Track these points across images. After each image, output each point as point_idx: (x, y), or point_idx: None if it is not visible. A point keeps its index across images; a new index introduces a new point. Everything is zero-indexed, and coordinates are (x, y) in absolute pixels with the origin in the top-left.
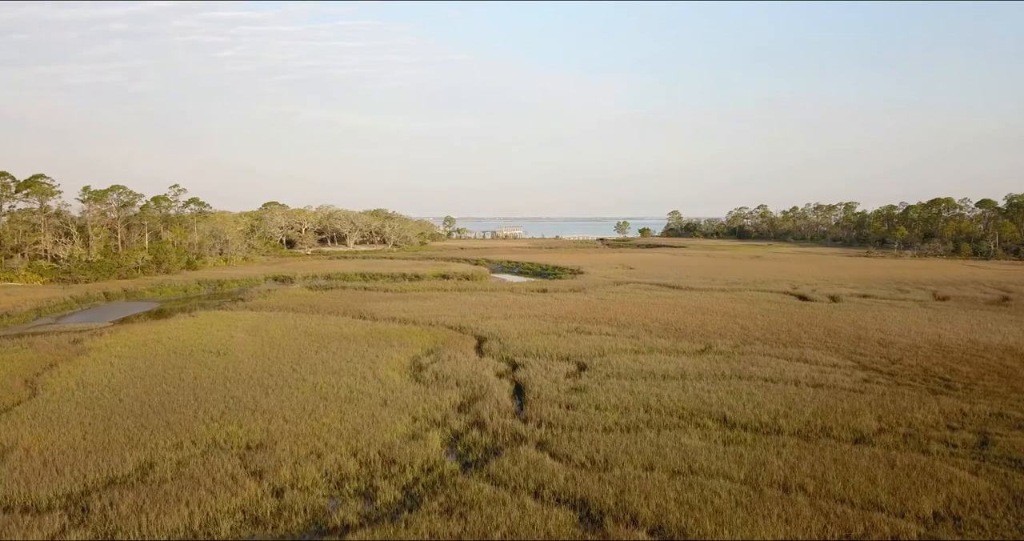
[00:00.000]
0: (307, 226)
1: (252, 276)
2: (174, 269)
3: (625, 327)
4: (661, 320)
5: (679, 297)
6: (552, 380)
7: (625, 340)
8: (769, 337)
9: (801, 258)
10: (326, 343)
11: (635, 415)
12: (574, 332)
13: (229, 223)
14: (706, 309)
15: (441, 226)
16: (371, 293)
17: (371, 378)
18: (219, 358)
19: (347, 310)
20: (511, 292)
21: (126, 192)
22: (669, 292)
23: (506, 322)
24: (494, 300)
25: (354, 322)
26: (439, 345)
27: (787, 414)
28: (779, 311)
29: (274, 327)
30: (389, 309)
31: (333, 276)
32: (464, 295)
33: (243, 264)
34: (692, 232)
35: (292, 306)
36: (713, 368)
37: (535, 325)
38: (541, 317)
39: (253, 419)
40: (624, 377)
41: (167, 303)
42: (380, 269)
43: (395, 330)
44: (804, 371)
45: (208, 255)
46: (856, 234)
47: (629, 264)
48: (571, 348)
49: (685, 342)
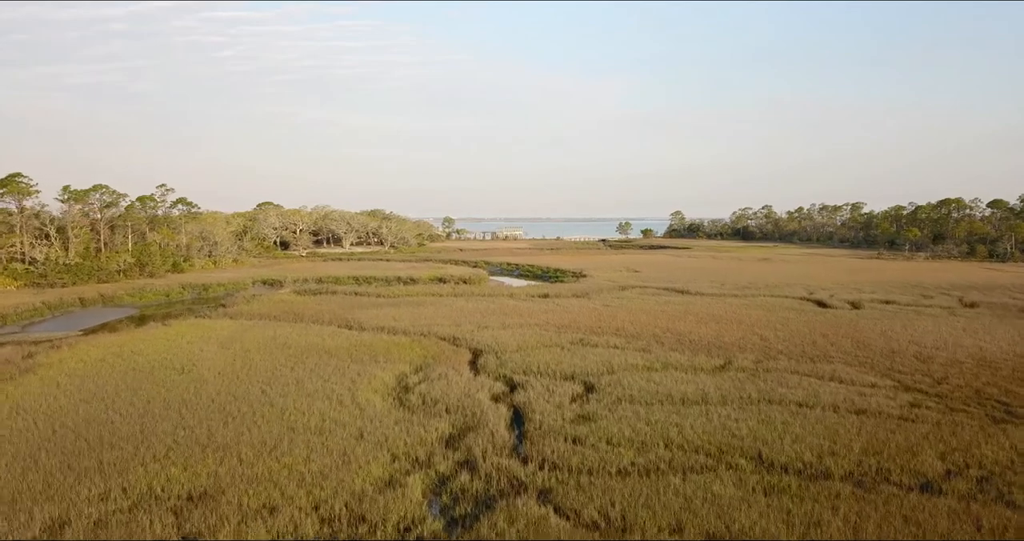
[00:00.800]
0: (302, 227)
1: (240, 279)
2: (158, 272)
3: (634, 338)
4: (673, 330)
5: (689, 303)
6: (556, 405)
7: (635, 354)
8: (793, 350)
9: (810, 260)
10: (304, 358)
11: (654, 452)
12: (579, 344)
13: (220, 224)
14: (720, 317)
15: (440, 227)
16: (361, 299)
17: (349, 402)
18: (181, 377)
19: (333, 318)
20: (510, 297)
21: (109, 192)
22: (678, 298)
23: (504, 332)
24: (492, 307)
25: (339, 333)
26: (429, 360)
27: (833, 451)
28: (799, 319)
29: (251, 339)
30: (379, 317)
31: (324, 279)
32: (460, 301)
33: (233, 266)
34: (695, 233)
35: (275, 313)
36: (737, 389)
37: (536, 336)
38: (542, 326)
39: (203, 457)
40: (638, 401)
41: (147, 309)
42: (374, 272)
43: (382, 342)
44: (841, 393)
45: (196, 257)
46: (863, 235)
47: (634, 266)
48: (576, 364)
49: (702, 356)
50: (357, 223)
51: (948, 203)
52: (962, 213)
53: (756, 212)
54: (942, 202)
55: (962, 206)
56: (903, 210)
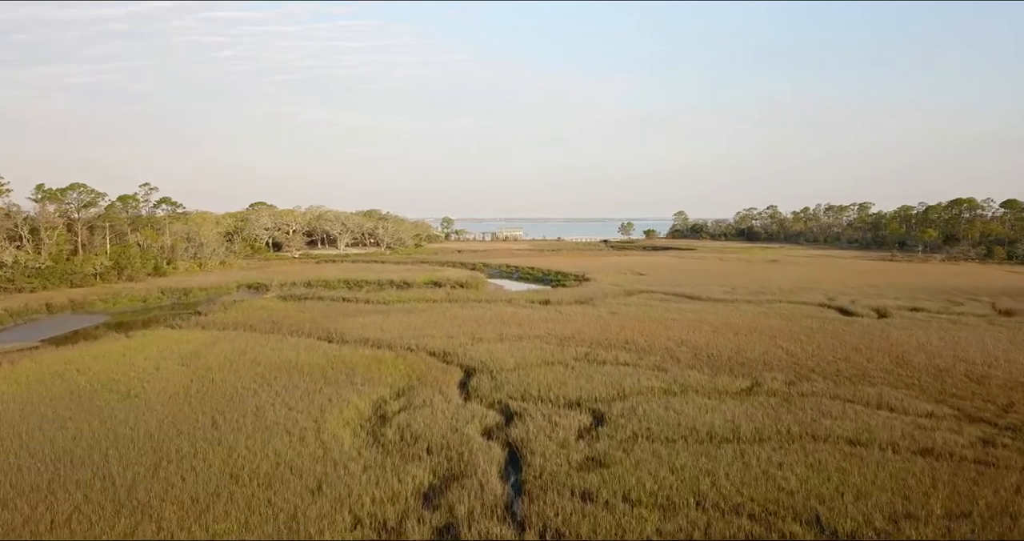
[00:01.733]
0: (295, 228)
1: (224, 283)
2: (138, 275)
3: (646, 353)
4: (688, 343)
5: (702, 311)
6: (559, 443)
7: (649, 373)
8: (827, 368)
9: (821, 262)
10: (272, 378)
11: (684, 515)
12: (584, 361)
13: (208, 224)
14: (738, 327)
15: (439, 227)
16: (348, 305)
17: (312, 440)
18: (124, 404)
19: (314, 328)
20: (509, 304)
21: (87, 191)
22: (689, 304)
23: (501, 346)
24: (489, 315)
25: (317, 346)
26: (414, 382)
27: (909, 513)
28: (824, 330)
29: (217, 354)
30: (364, 327)
31: (314, 283)
32: (455, 308)
33: (219, 269)
34: (699, 233)
35: (252, 322)
36: (773, 420)
37: (536, 350)
38: (543, 338)
39: (113, 522)
40: (658, 438)
41: (120, 316)
42: (367, 275)
43: (363, 359)
44: (896, 426)
45: (180, 259)
46: (872, 236)
47: (638, 269)
48: (582, 386)
49: (725, 376)
50: (352, 224)
51: (960, 203)
52: (974, 213)
53: (761, 212)
54: (953, 202)
55: (974, 206)
56: (912, 210)
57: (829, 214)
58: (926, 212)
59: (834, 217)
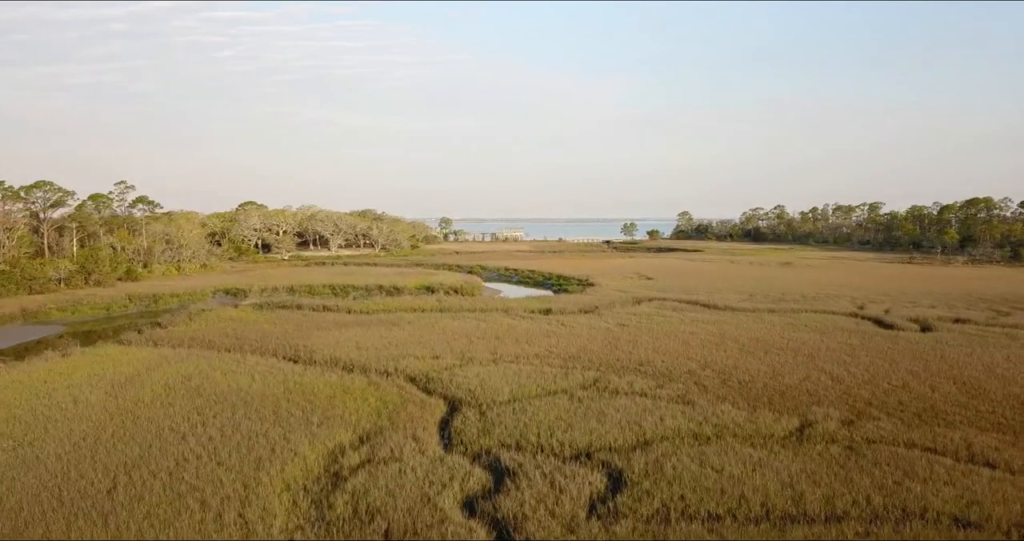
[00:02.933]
0: (285, 228)
1: (200, 289)
2: (107, 280)
3: (666, 378)
4: (713, 364)
5: (722, 322)
6: (566, 524)
7: (673, 408)
8: (887, 401)
9: (838, 265)
10: (211, 416)
11: None
12: (593, 389)
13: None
14: (767, 343)
15: (437, 227)
16: (328, 316)
17: (233, 517)
18: (10, 457)
19: (282, 345)
20: (506, 313)
21: (54, 189)
22: (705, 314)
23: (494, 370)
24: (483, 328)
25: (278, 369)
26: (385, 421)
27: None
28: (867, 347)
29: (158, 379)
30: (339, 343)
31: (297, 288)
32: (445, 319)
33: (199, 273)
34: (704, 234)
35: (212, 338)
36: (845, 484)
37: (535, 375)
38: (544, 358)
39: None
40: (697, 514)
41: (77, 326)
42: (355, 279)
43: (329, 387)
44: (1009, 493)
45: (157, 263)
46: (885, 237)
47: (645, 272)
48: (592, 428)
49: (765, 412)
50: (345, 224)
51: (976, 203)
52: (991, 213)
53: (767, 213)
54: (969, 202)
55: (991, 206)
56: (924, 210)
57: (838, 214)
58: (941, 212)
59: (843, 217)
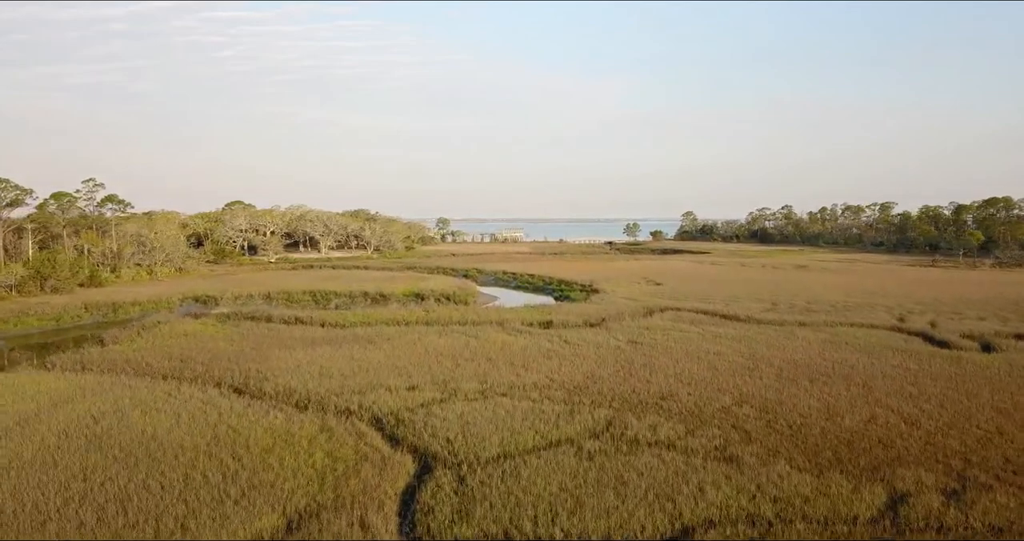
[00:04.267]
0: (273, 229)
1: (167, 296)
2: (66, 287)
3: (696, 420)
4: (752, 398)
5: (748, 338)
6: None
7: (715, 470)
8: (989, 458)
9: (858, 269)
10: (99, 483)
11: None
12: (607, 438)
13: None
14: (809, 368)
15: (435, 228)
16: (297, 330)
17: None
18: None
19: (232, 369)
20: (500, 327)
21: (10, 187)
22: (728, 328)
23: (482, 407)
24: (473, 346)
25: (214, 406)
26: (328, 493)
27: None
28: (929, 373)
29: (56, 423)
30: (300, 367)
31: (274, 295)
32: (431, 334)
33: (173, 278)
34: (709, 235)
35: (151, 360)
36: None
37: (533, 416)
38: (544, 389)
39: None
40: None
41: (16, 340)
42: (340, 285)
43: (269, 433)
44: None
45: (127, 267)
46: (898, 238)
47: (653, 276)
48: (609, 508)
49: (837, 475)
50: (336, 225)
51: (994, 202)
52: (1011, 213)
53: (775, 213)
54: (988, 201)
55: (1010, 206)
56: (940, 210)
57: (847, 215)
58: (957, 212)
59: (852, 218)
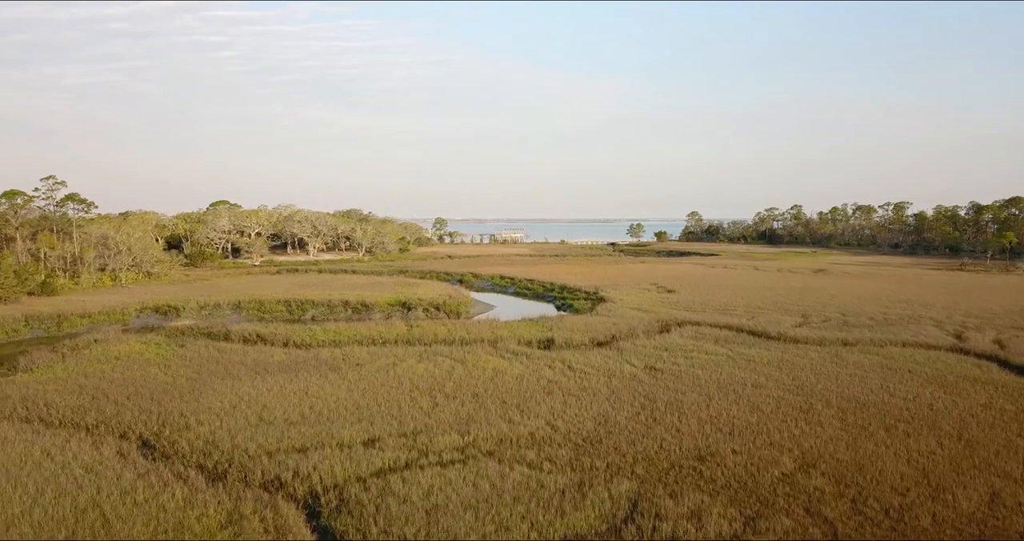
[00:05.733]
0: (259, 230)
1: (124, 306)
2: (11, 295)
3: (754, 501)
4: (820, 461)
5: (789, 364)
6: None
7: None
8: None
9: (881, 274)
10: None
11: None
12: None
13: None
14: (879, 409)
15: (431, 229)
16: (252, 352)
17: None
18: None
19: (145, 413)
20: (493, 348)
21: None
22: (761, 349)
23: (460, 476)
24: (457, 375)
25: (97, 476)
26: None
27: None
28: None
29: None
30: (236, 408)
31: (244, 305)
32: (410, 358)
33: (140, 284)
34: (715, 236)
35: (52, 398)
36: None
37: (527, 494)
38: (543, 445)
39: None
40: None
41: None
42: (321, 292)
43: (150, 525)
44: None
45: (88, 272)
46: (915, 239)
47: (663, 282)
48: None
49: None
50: (324, 225)
51: (1018, 202)
52: None
53: (783, 213)
54: (1010, 201)
55: None
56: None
57: (858, 215)
58: (979, 212)
59: (863, 218)
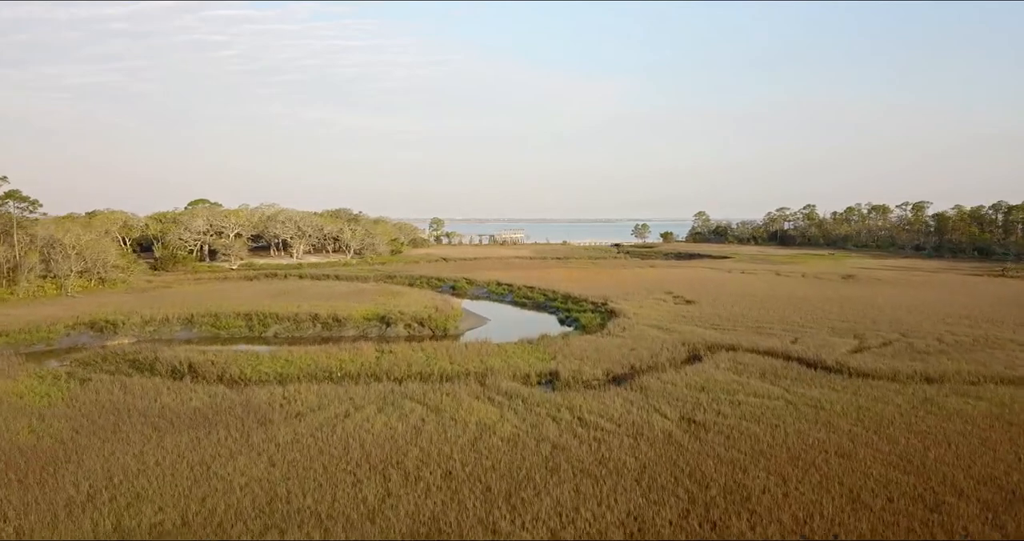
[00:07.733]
0: (238, 231)
1: (56, 321)
2: None
3: None
4: None
5: (869, 412)
6: None
7: None
8: None
9: (917, 280)
10: None
11: None
12: None
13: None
14: None
15: (427, 229)
16: (168, 393)
17: None
18: None
19: None
20: (479, 386)
21: None
22: (824, 389)
23: None
24: (425, 439)
25: None
26: None
27: None
28: None
29: None
30: (91, 499)
31: (198, 319)
32: (367, 407)
33: (90, 292)
34: (723, 236)
35: None
36: None
37: None
38: None
39: None
40: None
41: None
42: (290, 303)
43: None
44: None
45: (25, 279)
46: (938, 240)
47: (679, 290)
48: None
49: None
50: (310, 226)
51: None
52: None
53: (795, 213)
54: None
55: None
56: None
57: (873, 215)
58: (1009, 212)
59: (879, 218)
